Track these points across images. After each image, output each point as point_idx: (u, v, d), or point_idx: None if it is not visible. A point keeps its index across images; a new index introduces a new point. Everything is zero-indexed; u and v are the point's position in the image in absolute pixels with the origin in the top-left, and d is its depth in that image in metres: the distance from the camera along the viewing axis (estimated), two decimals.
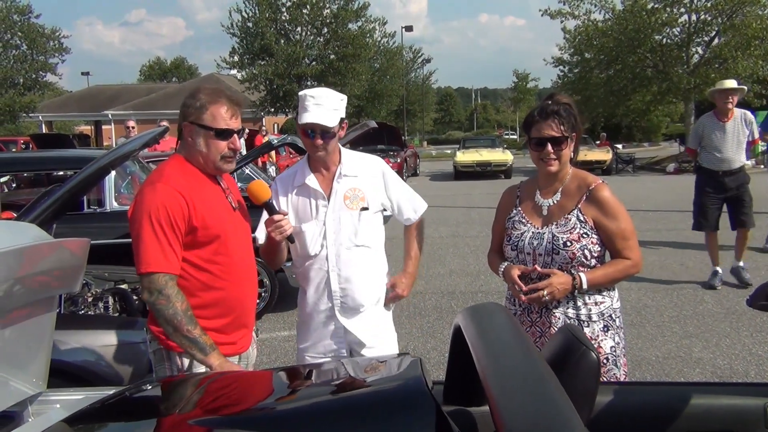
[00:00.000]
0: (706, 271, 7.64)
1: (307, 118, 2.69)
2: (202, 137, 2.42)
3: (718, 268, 6.96)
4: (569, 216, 2.54)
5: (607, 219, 2.52)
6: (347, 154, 2.88)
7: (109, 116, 42.85)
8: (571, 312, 2.53)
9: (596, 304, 2.55)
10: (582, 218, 2.52)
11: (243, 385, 1.98)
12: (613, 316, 2.57)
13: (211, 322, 2.43)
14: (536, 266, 2.55)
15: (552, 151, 2.54)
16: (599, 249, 2.53)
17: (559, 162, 2.56)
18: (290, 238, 2.63)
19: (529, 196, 2.69)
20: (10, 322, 2.00)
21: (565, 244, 2.50)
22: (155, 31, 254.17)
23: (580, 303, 2.53)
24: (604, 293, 2.57)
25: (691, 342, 5.33)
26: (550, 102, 2.59)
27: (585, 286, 2.49)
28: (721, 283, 6.87)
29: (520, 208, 2.69)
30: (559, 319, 2.53)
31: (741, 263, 6.98)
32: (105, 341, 3.27)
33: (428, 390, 1.47)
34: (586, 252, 2.50)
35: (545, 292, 2.48)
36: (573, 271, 2.50)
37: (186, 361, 2.41)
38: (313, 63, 32.92)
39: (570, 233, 2.51)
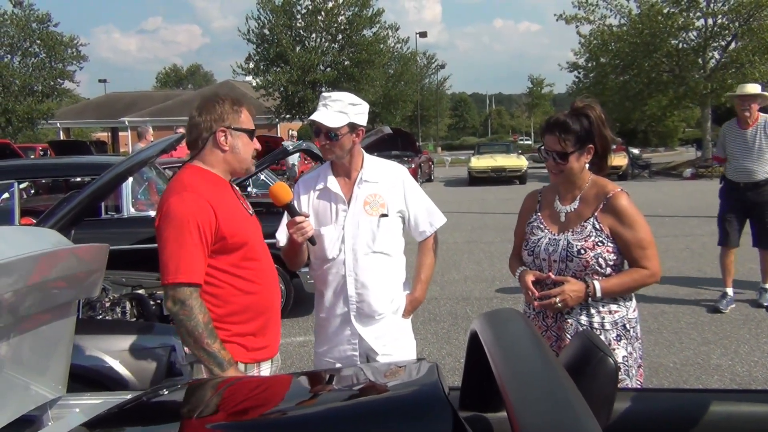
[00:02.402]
0: None
1: (311, 116, 2.75)
2: (239, 139, 2.48)
3: (729, 290, 6.40)
4: (585, 224, 2.52)
5: (624, 228, 2.49)
6: (370, 160, 2.89)
7: (126, 123, 43.31)
8: (583, 319, 2.52)
9: (610, 312, 2.52)
10: (598, 226, 2.50)
11: (260, 389, 1.99)
12: (627, 326, 2.54)
13: (245, 326, 2.46)
14: (550, 273, 2.54)
15: (553, 165, 2.54)
16: (615, 258, 2.50)
17: (561, 175, 2.55)
18: (311, 240, 2.64)
19: (549, 202, 2.68)
20: (31, 326, 2.02)
21: (579, 251, 2.48)
22: (171, 38, 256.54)
23: (593, 311, 2.51)
24: (620, 302, 2.55)
25: (709, 349, 5.28)
26: (564, 113, 2.55)
27: (599, 294, 2.47)
28: (729, 307, 6.28)
29: (539, 214, 2.68)
30: (571, 325, 2.52)
31: None
32: (122, 346, 3.29)
33: (445, 395, 1.47)
34: (601, 260, 2.48)
35: (557, 299, 2.47)
36: (588, 279, 2.49)
37: None
38: (328, 69, 33.04)
39: (585, 241, 2.49)
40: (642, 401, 1.87)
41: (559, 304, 2.48)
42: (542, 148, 2.58)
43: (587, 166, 2.56)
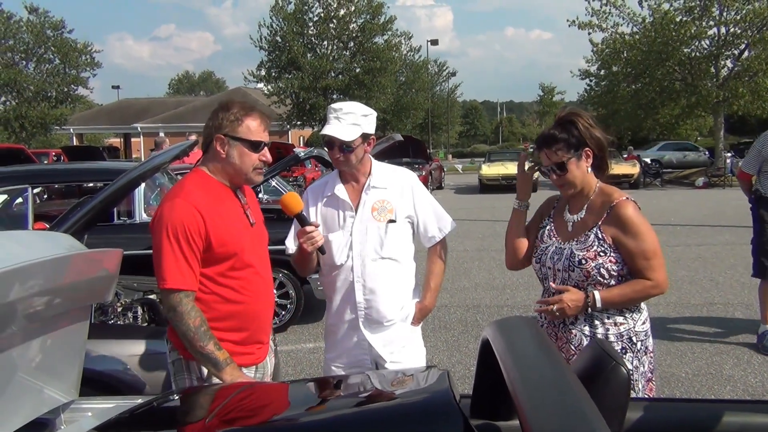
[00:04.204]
0: (737, 287, 7.52)
1: (324, 130, 2.74)
2: (236, 149, 2.45)
3: None
4: (589, 233, 2.48)
5: (627, 237, 2.43)
6: (378, 166, 2.89)
7: (138, 129, 43.61)
8: (587, 330, 2.48)
9: (615, 324, 2.47)
10: (600, 236, 2.45)
11: (270, 396, 1.99)
12: (634, 339, 2.47)
13: (229, 334, 2.45)
14: (552, 283, 2.53)
15: (556, 178, 2.52)
16: (618, 268, 2.44)
17: (569, 185, 2.53)
18: (321, 249, 2.64)
19: (561, 210, 2.66)
20: (45, 331, 2.04)
21: (580, 261, 2.45)
22: (184, 45, 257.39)
23: (597, 322, 2.47)
24: (626, 314, 2.48)
25: (721, 359, 5.24)
26: (549, 127, 2.57)
27: (599, 304, 2.42)
28: None
29: (552, 220, 2.67)
30: (575, 336, 2.49)
31: None
32: (134, 351, 3.30)
33: (456, 403, 1.46)
34: (603, 271, 2.43)
35: (554, 308, 2.45)
36: (590, 288, 2.45)
37: (205, 371, 2.43)
38: (339, 76, 33.15)
39: (587, 251, 2.45)
40: (654, 411, 1.85)
41: (557, 313, 2.46)
42: (541, 168, 2.58)
43: (589, 170, 2.53)
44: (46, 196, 12.11)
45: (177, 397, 2.09)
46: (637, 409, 1.80)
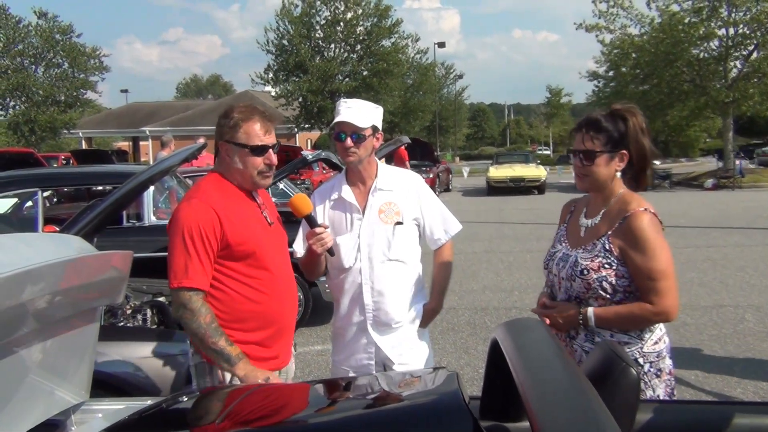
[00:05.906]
0: (747, 289, 7.48)
1: (337, 118, 2.74)
2: (237, 155, 2.47)
3: None
4: (597, 242, 2.29)
5: (634, 252, 2.21)
6: (384, 168, 2.90)
7: (147, 132, 43.80)
8: (587, 347, 2.30)
9: (619, 344, 2.21)
10: (608, 247, 2.26)
11: (279, 397, 1.99)
12: (641, 360, 2.26)
13: (251, 335, 2.47)
14: (544, 300, 2.43)
15: (579, 165, 2.31)
16: (624, 283, 2.24)
17: (588, 180, 2.32)
18: (330, 251, 2.65)
19: (577, 214, 2.48)
20: (56, 332, 2.05)
21: (582, 271, 2.27)
22: (192, 49, 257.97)
23: (598, 339, 2.27)
24: (631, 334, 2.27)
25: (732, 361, 5.21)
26: (600, 112, 2.36)
27: (591, 322, 2.25)
28: None
29: (566, 225, 2.51)
30: (576, 351, 2.34)
31: None
32: (143, 353, 3.32)
33: (466, 404, 1.46)
34: (605, 284, 2.24)
35: (546, 321, 2.34)
36: (591, 302, 2.29)
37: (228, 375, 2.43)
38: (347, 79, 33.17)
39: (591, 261, 2.27)
40: (664, 413, 1.85)
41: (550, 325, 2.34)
42: (571, 149, 2.39)
43: (618, 174, 2.33)
44: (55, 200, 12.17)
45: (187, 399, 2.10)
46: (647, 410, 1.80)
